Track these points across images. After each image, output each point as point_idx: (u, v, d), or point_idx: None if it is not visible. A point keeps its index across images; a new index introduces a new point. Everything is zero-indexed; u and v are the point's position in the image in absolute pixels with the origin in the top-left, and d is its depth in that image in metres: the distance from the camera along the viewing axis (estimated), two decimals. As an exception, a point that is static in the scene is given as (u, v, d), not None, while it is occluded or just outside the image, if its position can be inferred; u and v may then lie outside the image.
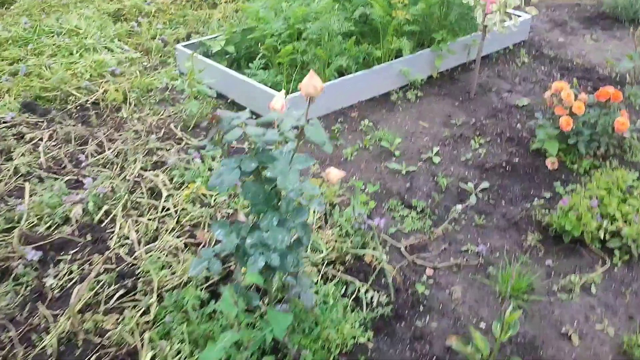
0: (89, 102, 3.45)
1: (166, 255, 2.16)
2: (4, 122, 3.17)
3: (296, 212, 1.52)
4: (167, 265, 2.13)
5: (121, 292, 2.00)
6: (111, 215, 2.37)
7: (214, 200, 2.48)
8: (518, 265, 2.29)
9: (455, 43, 3.79)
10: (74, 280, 2.06)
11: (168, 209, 2.42)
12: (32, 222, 2.32)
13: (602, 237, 2.34)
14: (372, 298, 2.09)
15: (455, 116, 3.44)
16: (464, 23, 3.70)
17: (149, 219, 2.36)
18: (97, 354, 1.81)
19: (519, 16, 4.13)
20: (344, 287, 2.13)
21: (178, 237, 2.27)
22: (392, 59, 3.61)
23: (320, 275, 2.16)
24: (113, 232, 2.29)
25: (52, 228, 2.31)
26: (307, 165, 1.38)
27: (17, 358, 1.78)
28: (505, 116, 3.45)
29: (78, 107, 3.42)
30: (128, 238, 2.25)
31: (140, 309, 1.94)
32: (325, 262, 2.21)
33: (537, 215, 2.56)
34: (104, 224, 2.33)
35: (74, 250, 2.19)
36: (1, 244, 2.21)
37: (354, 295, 2.10)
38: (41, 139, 3.02)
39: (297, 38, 3.50)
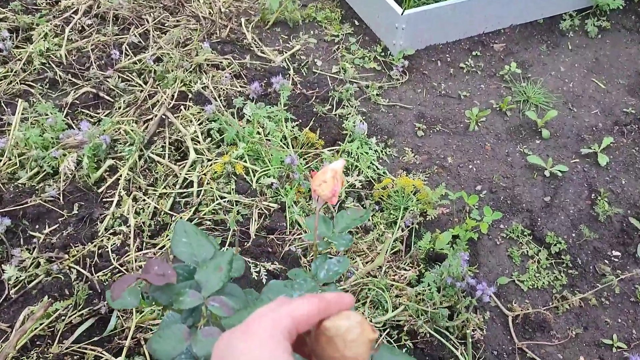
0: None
1: (165, 269, 1.51)
2: (40, -25, 2.46)
3: None
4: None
5: (87, 324, 1.41)
6: (113, 178, 1.70)
7: (257, 182, 1.72)
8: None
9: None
10: (37, 280, 1.49)
11: (191, 184, 1.70)
12: (14, 163, 1.72)
13: None
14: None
15: (651, 77, 2.29)
16: None
17: (162, 194, 1.68)
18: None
19: None
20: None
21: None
22: (579, -33, 2.39)
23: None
24: (109, 207, 1.64)
25: (37, 178, 1.70)
26: None
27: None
28: None
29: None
30: (126, 222, 1.61)
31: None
32: (388, 328, 1.48)
33: None
34: (101, 189, 1.68)
35: (52, 228, 1.59)
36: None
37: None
38: (76, 12, 2.31)
39: None
